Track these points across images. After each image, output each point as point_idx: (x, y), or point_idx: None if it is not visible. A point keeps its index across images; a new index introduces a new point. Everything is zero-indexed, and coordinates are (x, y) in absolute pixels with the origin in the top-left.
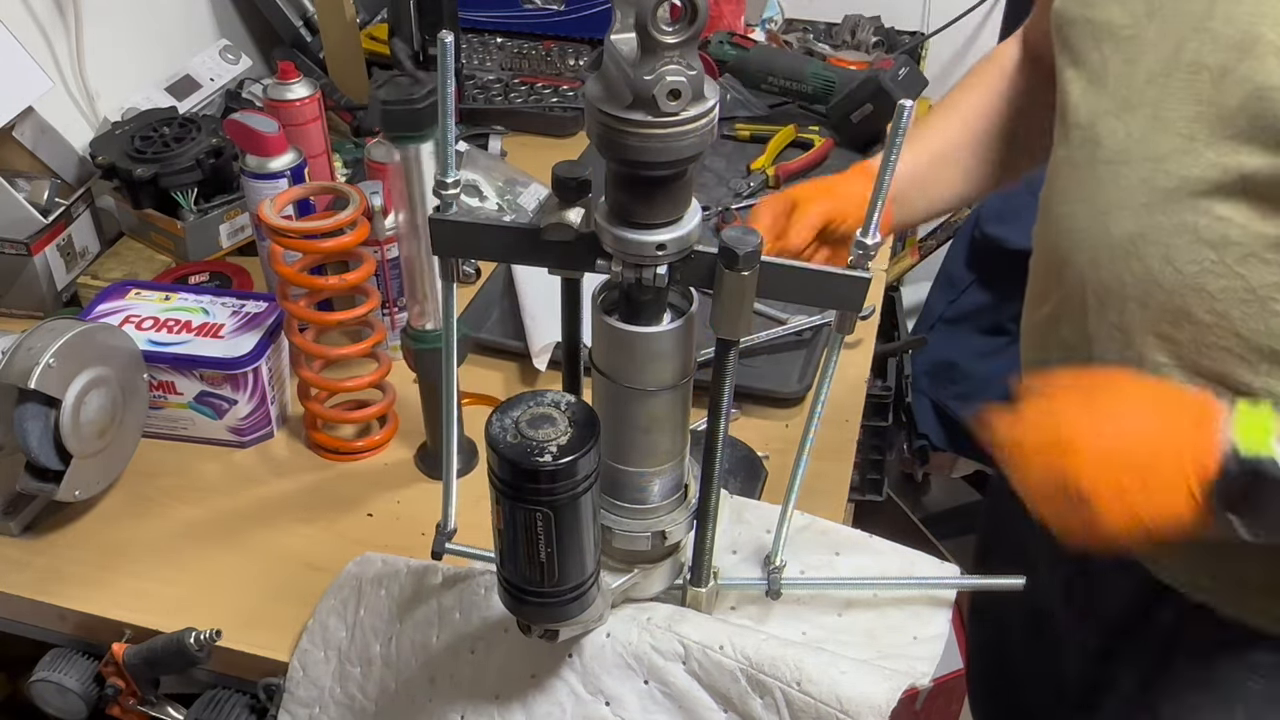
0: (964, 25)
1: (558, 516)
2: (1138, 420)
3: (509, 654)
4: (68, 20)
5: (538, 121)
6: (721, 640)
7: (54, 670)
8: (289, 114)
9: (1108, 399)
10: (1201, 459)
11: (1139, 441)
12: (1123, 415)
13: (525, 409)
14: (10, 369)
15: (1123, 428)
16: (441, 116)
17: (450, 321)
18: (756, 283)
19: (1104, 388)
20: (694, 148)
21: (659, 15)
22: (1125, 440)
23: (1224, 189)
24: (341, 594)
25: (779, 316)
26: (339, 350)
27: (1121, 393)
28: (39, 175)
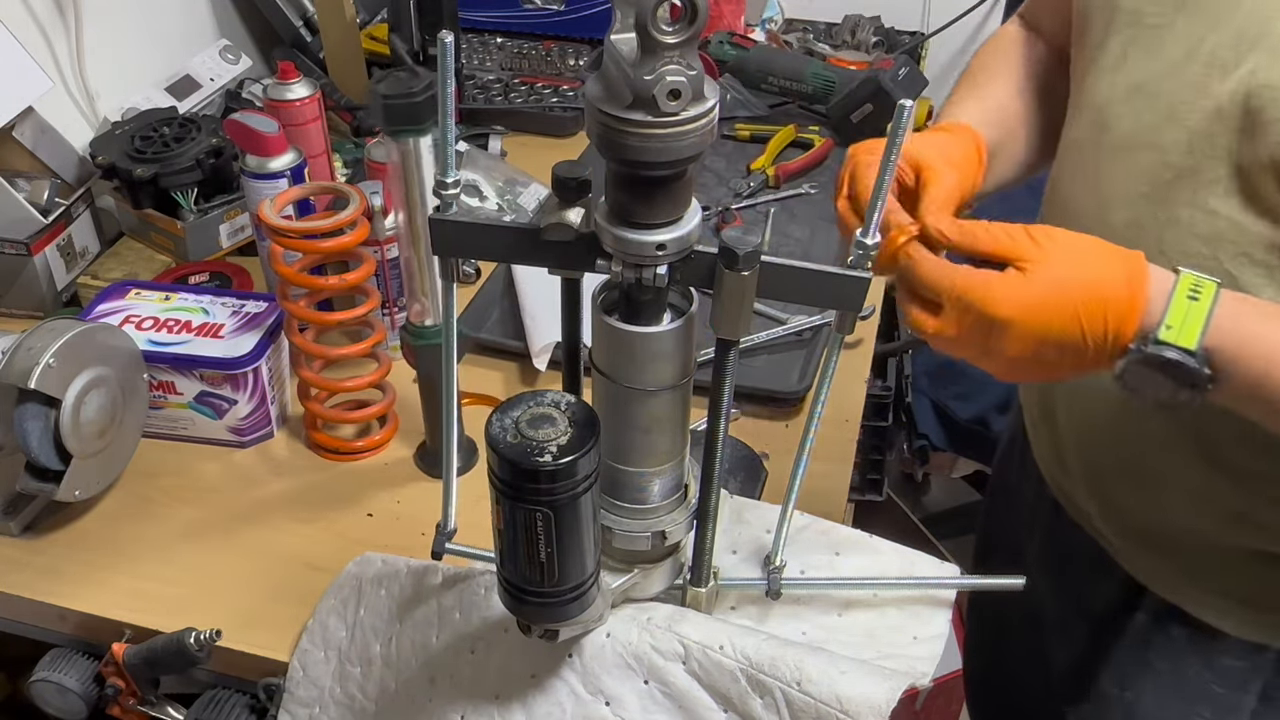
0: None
1: (558, 516)
2: (1072, 262)
3: (509, 654)
4: (68, 20)
5: (538, 121)
6: (721, 640)
7: (54, 670)
8: (289, 114)
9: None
10: (1122, 325)
11: (1070, 284)
12: (1058, 256)
13: (525, 409)
14: (10, 369)
15: (1055, 272)
16: (442, 117)
17: (450, 322)
18: (756, 283)
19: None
20: (694, 148)
21: (659, 15)
22: (1055, 282)
23: (1220, 184)
24: (341, 594)
25: (779, 316)
26: (339, 350)
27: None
28: (39, 175)
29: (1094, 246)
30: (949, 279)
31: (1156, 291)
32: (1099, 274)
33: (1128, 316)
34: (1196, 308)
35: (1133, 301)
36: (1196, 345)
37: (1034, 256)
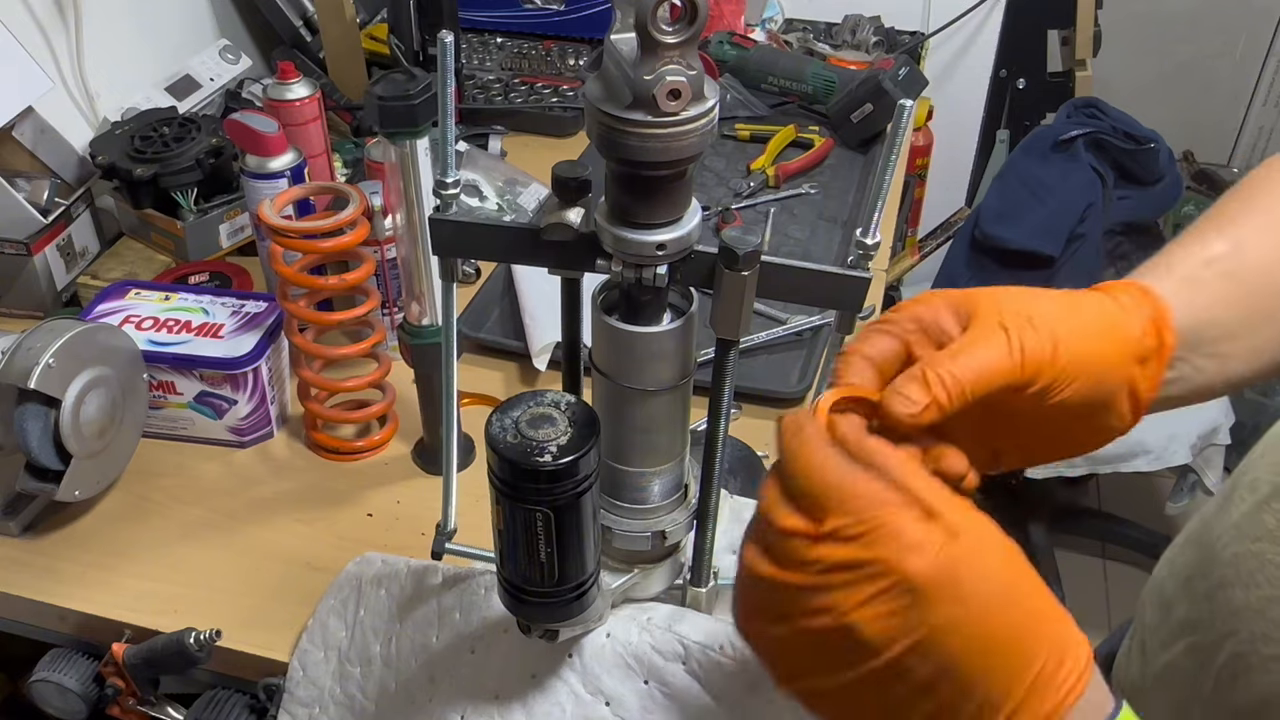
0: (964, 25)
1: (558, 516)
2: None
3: (509, 654)
4: (68, 20)
5: (538, 121)
6: (721, 640)
7: (54, 670)
8: (289, 114)
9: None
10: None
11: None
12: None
13: (525, 409)
14: (10, 369)
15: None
16: (442, 117)
17: (450, 322)
18: (756, 283)
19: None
20: (694, 148)
21: (659, 15)
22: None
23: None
24: (341, 594)
25: (779, 316)
26: (339, 350)
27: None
28: (39, 175)
29: (1038, 581)
30: (854, 484)
31: (1093, 699)
32: (1042, 613)
33: (1056, 696)
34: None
35: (1071, 679)
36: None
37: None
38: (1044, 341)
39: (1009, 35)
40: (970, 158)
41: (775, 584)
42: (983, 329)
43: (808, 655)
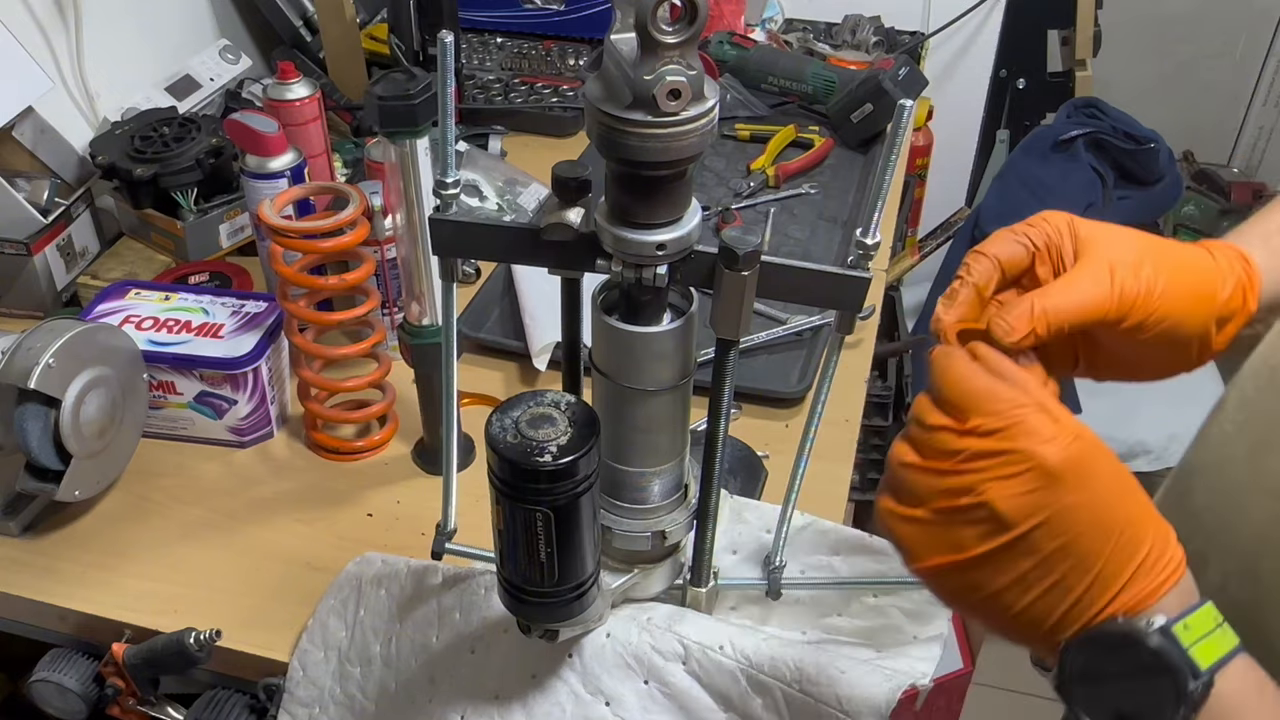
0: (964, 25)
1: (558, 516)
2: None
3: (509, 654)
4: (68, 20)
5: (538, 121)
6: (721, 640)
7: (54, 670)
8: (289, 114)
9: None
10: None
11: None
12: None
13: (525, 409)
14: (10, 369)
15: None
16: (442, 117)
17: (450, 322)
18: (756, 283)
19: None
20: (694, 148)
21: (659, 15)
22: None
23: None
24: (341, 594)
25: (779, 316)
26: (339, 350)
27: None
28: (39, 175)
29: (1145, 494)
30: (995, 389)
31: (1185, 588)
32: (1151, 514)
33: (1157, 579)
34: (1224, 634)
35: (1171, 567)
36: (1209, 667)
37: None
38: (1142, 288)
39: (1009, 35)
40: (970, 158)
41: (922, 470)
42: (1092, 266)
43: (942, 533)
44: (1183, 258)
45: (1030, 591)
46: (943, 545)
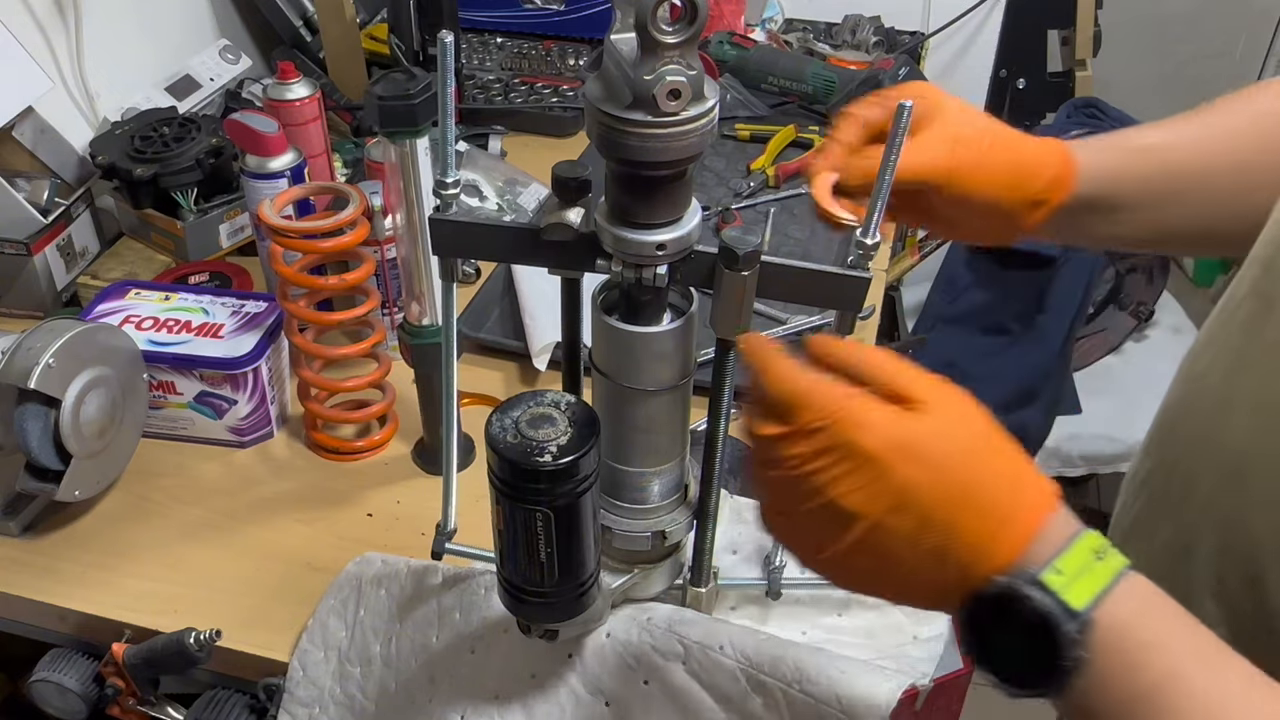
0: (964, 25)
1: (558, 516)
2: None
3: (509, 654)
4: (68, 20)
5: (538, 121)
6: (721, 640)
7: (54, 670)
8: (289, 114)
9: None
10: (1006, 537)
11: (967, 453)
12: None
13: (525, 409)
14: (10, 369)
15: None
16: (442, 117)
17: (450, 322)
18: (756, 283)
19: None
20: (694, 148)
21: (659, 15)
22: (953, 439)
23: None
24: (341, 594)
25: (779, 316)
26: (339, 350)
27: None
28: (39, 175)
29: (1003, 436)
30: (809, 385)
31: (1056, 525)
32: (1004, 467)
33: (1020, 533)
34: (1101, 567)
35: (1031, 515)
36: (1084, 606)
37: (929, 402)
38: (972, 160)
39: (1009, 35)
40: None
41: (771, 483)
42: (937, 135)
43: (813, 535)
44: (1012, 144)
45: (908, 568)
46: (816, 542)
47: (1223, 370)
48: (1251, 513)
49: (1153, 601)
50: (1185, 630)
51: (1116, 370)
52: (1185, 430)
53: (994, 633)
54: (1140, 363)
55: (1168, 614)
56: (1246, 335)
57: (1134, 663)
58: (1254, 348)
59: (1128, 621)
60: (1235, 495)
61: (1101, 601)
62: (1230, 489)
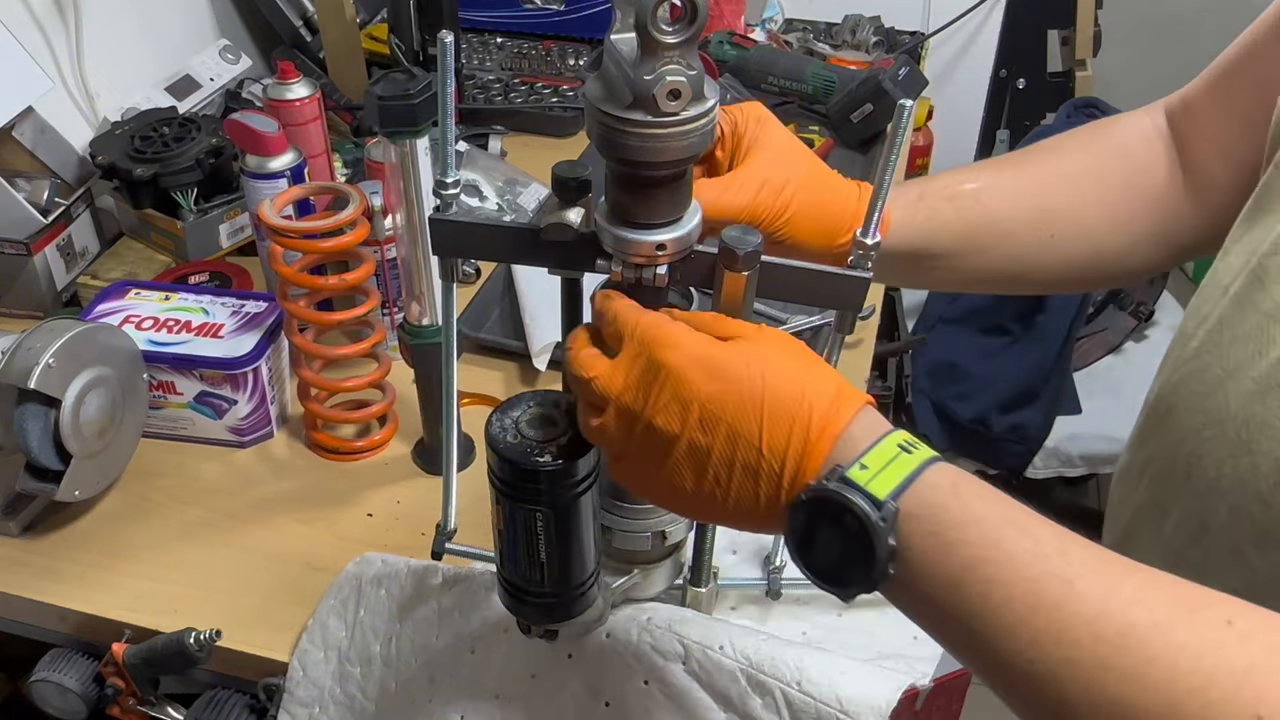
0: (964, 25)
1: (558, 516)
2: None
3: (509, 654)
4: (68, 20)
5: (538, 121)
6: (721, 640)
7: (54, 670)
8: (289, 114)
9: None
10: (809, 443)
11: (767, 371)
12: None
13: (525, 409)
14: (10, 369)
15: (756, 351)
16: (442, 117)
17: (450, 322)
18: (756, 283)
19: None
20: (694, 148)
21: (659, 15)
22: (750, 359)
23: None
24: (341, 594)
25: (779, 316)
26: (339, 350)
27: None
28: (39, 175)
29: (815, 359)
30: (636, 316)
31: (863, 428)
32: (805, 378)
33: (820, 436)
34: (907, 459)
35: (831, 418)
36: (888, 494)
37: (746, 335)
38: (777, 208)
39: (1009, 35)
40: (970, 158)
41: (603, 427)
42: (746, 176)
43: (644, 466)
44: (824, 195)
45: (728, 487)
46: (648, 473)
47: (1217, 345)
48: (1261, 479)
49: (962, 483)
50: (997, 502)
51: (1116, 370)
52: (1185, 409)
53: (814, 538)
54: (1140, 363)
55: (978, 491)
56: (1239, 309)
57: (949, 540)
58: (1248, 320)
59: (937, 503)
60: (1244, 461)
61: (908, 488)
62: (1238, 456)
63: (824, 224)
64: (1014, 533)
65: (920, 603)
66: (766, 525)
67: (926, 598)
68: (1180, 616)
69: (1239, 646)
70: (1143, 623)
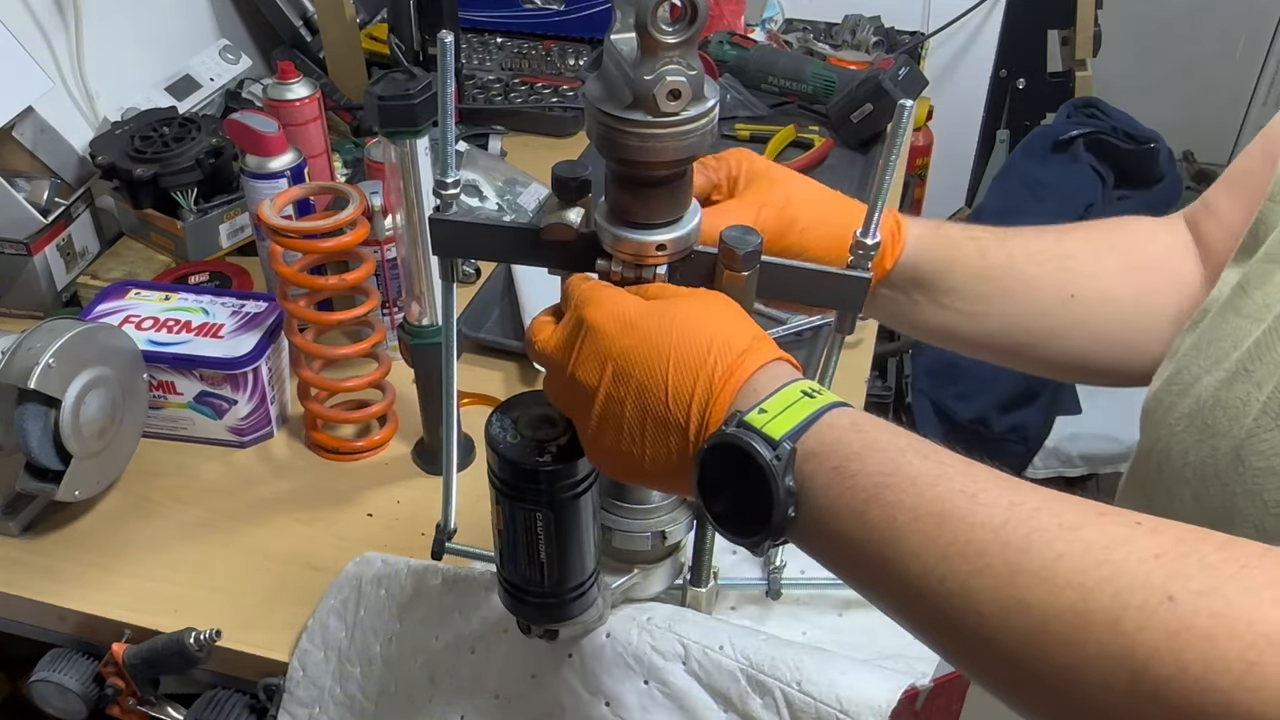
0: (964, 25)
1: (558, 517)
2: (695, 310)
3: (509, 654)
4: (68, 20)
5: (538, 121)
6: (721, 640)
7: (54, 670)
8: (289, 114)
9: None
10: (712, 390)
11: (678, 324)
12: (688, 301)
13: (525, 409)
14: (10, 369)
15: (671, 306)
16: (442, 117)
17: (450, 322)
18: (756, 283)
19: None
20: (694, 148)
21: (659, 15)
22: (663, 314)
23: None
24: (341, 594)
25: (779, 316)
26: (339, 350)
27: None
28: (39, 175)
29: (738, 316)
30: (578, 283)
31: (769, 377)
32: (716, 331)
33: (723, 386)
34: (807, 403)
35: (734, 368)
36: (783, 436)
37: (679, 295)
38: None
39: (1009, 35)
40: (970, 158)
41: (551, 392)
42: (746, 201)
43: (580, 427)
44: (830, 210)
45: (644, 442)
46: (582, 430)
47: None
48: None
49: (863, 420)
50: (900, 434)
51: None
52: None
53: (718, 487)
54: None
55: (880, 425)
56: (1223, 315)
57: (852, 472)
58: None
59: (837, 440)
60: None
61: (808, 429)
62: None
63: (838, 236)
64: (916, 458)
65: (830, 542)
66: (684, 484)
67: (835, 535)
68: (1088, 518)
69: (1148, 538)
70: (1049, 526)
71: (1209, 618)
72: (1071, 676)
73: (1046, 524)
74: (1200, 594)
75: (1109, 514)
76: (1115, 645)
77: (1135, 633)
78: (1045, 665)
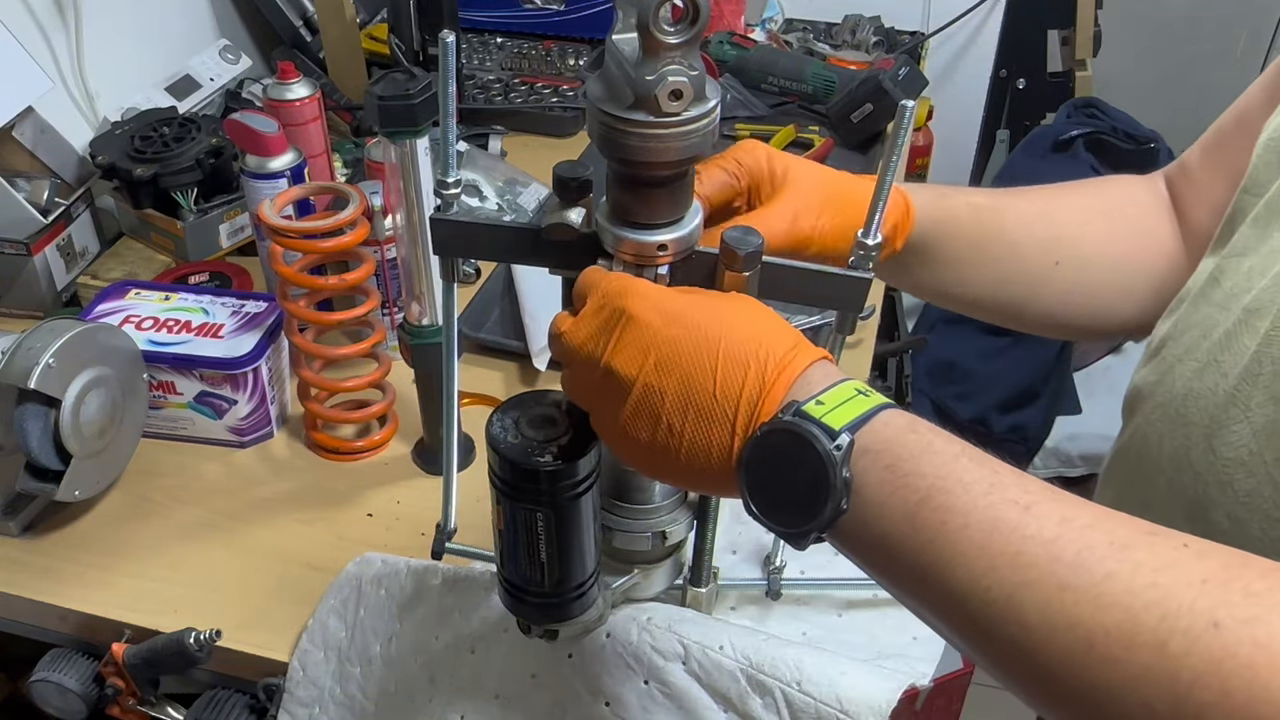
0: (964, 25)
1: (558, 516)
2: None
3: (509, 654)
4: (68, 20)
5: (538, 121)
6: (721, 640)
7: (54, 670)
8: (289, 114)
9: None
10: (765, 386)
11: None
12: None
13: (525, 409)
14: (10, 369)
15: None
16: (443, 116)
17: (451, 322)
18: (757, 283)
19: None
20: (695, 148)
21: (661, 15)
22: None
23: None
24: (341, 594)
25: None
26: (339, 350)
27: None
28: (39, 175)
29: (778, 319)
30: (603, 274)
31: (821, 373)
32: (762, 329)
33: (776, 380)
34: (863, 400)
35: (787, 363)
36: (842, 426)
37: (700, 292)
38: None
39: (1009, 35)
40: (970, 158)
41: (569, 383)
42: (779, 210)
43: (606, 414)
44: (853, 199)
45: (684, 436)
46: (609, 420)
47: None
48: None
49: (919, 422)
50: (954, 440)
51: (1116, 370)
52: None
53: (768, 475)
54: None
55: (935, 430)
56: (1195, 305)
57: (906, 471)
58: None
59: (894, 438)
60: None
61: (865, 425)
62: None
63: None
64: (970, 464)
65: (874, 541)
66: (719, 480)
67: (881, 535)
68: (1138, 538)
69: (1195, 562)
70: (1099, 543)
71: (1252, 646)
72: (1113, 695)
73: (1097, 541)
74: (1244, 622)
75: (1159, 534)
76: (1160, 668)
77: (1181, 657)
78: (1086, 682)
